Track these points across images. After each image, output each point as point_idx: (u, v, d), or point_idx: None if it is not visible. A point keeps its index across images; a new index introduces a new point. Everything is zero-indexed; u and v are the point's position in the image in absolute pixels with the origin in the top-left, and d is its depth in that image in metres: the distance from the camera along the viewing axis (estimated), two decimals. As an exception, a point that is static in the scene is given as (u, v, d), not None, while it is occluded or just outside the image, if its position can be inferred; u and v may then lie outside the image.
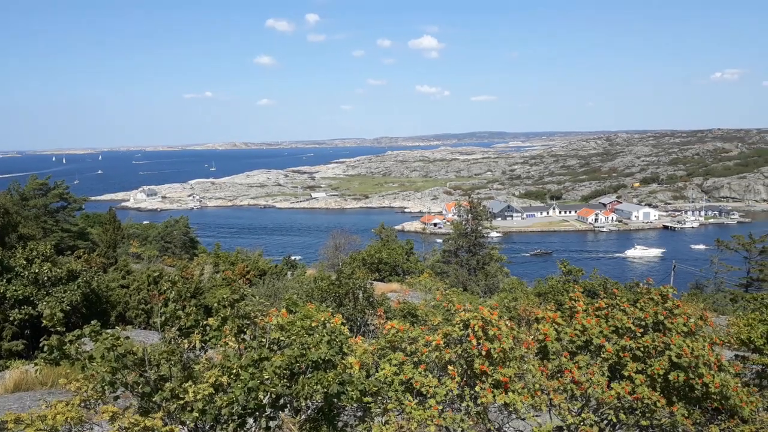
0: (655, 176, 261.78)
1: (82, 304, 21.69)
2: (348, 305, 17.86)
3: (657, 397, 8.30)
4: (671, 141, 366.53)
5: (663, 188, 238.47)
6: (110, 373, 7.05)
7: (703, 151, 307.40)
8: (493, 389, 7.83)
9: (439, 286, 33.40)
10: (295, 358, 7.55)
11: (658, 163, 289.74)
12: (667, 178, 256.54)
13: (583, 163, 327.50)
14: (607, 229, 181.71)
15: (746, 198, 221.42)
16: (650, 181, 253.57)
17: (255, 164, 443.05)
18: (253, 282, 37.46)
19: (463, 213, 58.89)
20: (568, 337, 9.13)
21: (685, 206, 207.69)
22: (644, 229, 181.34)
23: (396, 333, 9.19)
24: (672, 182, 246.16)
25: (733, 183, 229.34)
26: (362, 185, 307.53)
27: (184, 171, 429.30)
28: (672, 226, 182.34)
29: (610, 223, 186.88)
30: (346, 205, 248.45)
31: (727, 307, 39.14)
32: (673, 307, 9.43)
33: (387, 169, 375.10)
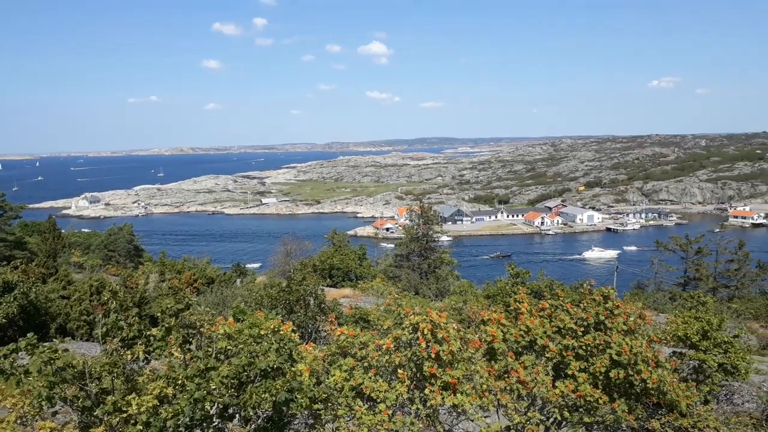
0: (598, 180, 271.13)
1: (19, 316, 20.72)
2: (299, 312, 17.69)
3: (599, 394, 8.60)
4: (613, 146, 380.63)
5: (606, 192, 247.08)
6: (48, 387, 6.77)
7: (642, 156, 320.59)
8: (442, 391, 7.94)
9: (392, 291, 33.55)
10: (243, 367, 7.44)
11: (601, 168, 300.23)
12: (609, 182, 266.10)
13: (530, 168, 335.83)
14: (553, 232, 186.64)
15: (683, 200, 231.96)
16: (593, 185, 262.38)
17: (203, 169, 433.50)
18: (201, 290, 36.64)
19: (414, 218, 59.37)
20: (513, 338, 9.35)
21: (627, 209, 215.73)
22: (588, 232, 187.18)
23: (346, 339, 9.20)
24: (614, 186, 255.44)
25: (671, 186, 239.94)
26: (314, 190, 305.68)
27: (128, 177, 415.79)
28: (615, 228, 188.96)
29: (555, 226, 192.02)
30: (298, 210, 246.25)
31: (667, 306, 40.77)
32: (613, 306, 9.79)
33: (339, 174, 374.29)
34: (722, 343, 14.53)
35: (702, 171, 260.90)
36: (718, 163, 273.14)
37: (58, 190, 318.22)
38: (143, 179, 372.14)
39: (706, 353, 14.29)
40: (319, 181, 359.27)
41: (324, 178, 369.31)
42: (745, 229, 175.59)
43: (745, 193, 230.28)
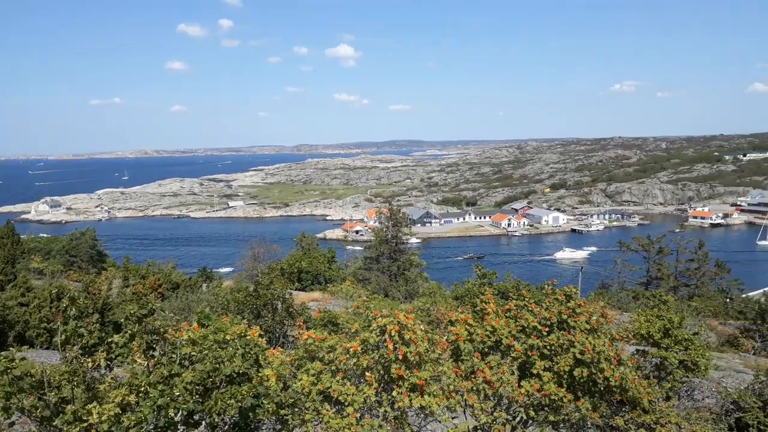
0: (563, 182, 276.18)
1: (-26, 325, 19.99)
2: (266, 316, 17.54)
3: (563, 392, 8.73)
4: (577, 149, 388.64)
5: (570, 193, 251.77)
6: (4, 397, 6.56)
7: (605, 158, 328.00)
8: (409, 393, 7.96)
9: (361, 293, 33.52)
10: (208, 373, 7.34)
11: (566, 170, 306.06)
12: (573, 183, 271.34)
13: (496, 170, 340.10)
14: (520, 233, 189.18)
15: (645, 202, 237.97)
16: (558, 187, 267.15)
17: (168, 172, 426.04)
18: (166, 296, 35.98)
19: (383, 220, 59.42)
20: (479, 338, 9.43)
21: (591, 210, 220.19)
22: (553, 233, 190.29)
23: (313, 342, 9.14)
24: (578, 188, 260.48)
25: (633, 188, 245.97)
26: (282, 193, 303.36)
27: (91, 180, 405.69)
28: (579, 229, 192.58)
29: (522, 227, 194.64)
30: (266, 213, 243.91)
31: (630, 305, 41.63)
32: (576, 306, 9.97)
33: (307, 176, 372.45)
34: (683, 341, 14.91)
35: (663, 173, 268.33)
36: (678, 165, 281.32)
37: (16, 194, 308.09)
38: (106, 183, 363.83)
39: (668, 351, 14.63)
40: (287, 183, 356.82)
41: (292, 180, 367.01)
42: (704, 229, 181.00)
43: (704, 194, 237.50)
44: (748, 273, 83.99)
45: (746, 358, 25.63)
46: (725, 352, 26.90)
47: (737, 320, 37.03)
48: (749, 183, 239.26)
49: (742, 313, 37.38)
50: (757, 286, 73.70)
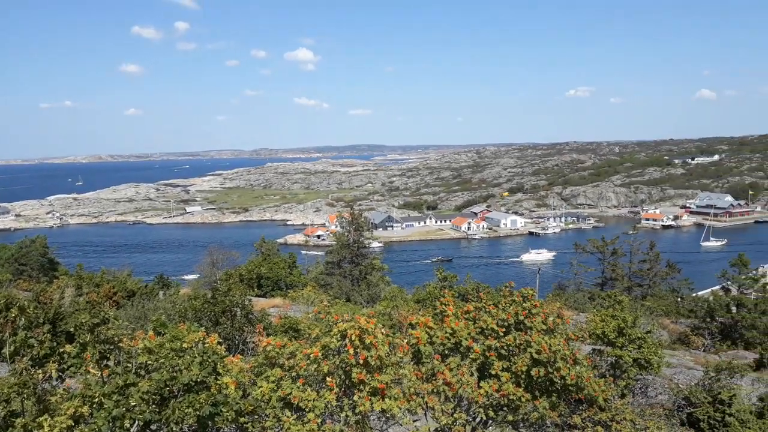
0: (520, 186, 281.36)
1: None
2: (225, 324, 17.26)
3: (521, 392, 8.89)
4: (534, 153, 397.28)
5: (527, 197, 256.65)
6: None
7: (561, 162, 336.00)
8: (370, 397, 7.96)
9: (323, 299, 33.31)
10: (165, 382, 7.20)
11: (523, 174, 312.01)
12: (530, 187, 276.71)
13: (456, 174, 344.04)
14: (479, 236, 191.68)
15: (600, 204, 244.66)
16: (516, 191, 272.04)
17: (123, 177, 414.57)
18: (121, 304, 35.00)
19: (345, 224, 59.30)
20: (439, 341, 9.52)
21: (548, 213, 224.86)
22: (512, 236, 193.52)
23: (273, 349, 9.06)
24: (535, 191, 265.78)
25: (588, 191, 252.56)
26: (241, 198, 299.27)
27: (42, 186, 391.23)
28: (537, 232, 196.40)
29: (481, 230, 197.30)
30: (224, 219, 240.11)
31: (586, 305, 42.57)
32: (532, 307, 10.18)
33: (267, 181, 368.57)
34: (636, 340, 15.33)
35: (616, 176, 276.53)
36: (631, 168, 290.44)
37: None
38: (58, 188, 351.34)
39: (622, 349, 15.03)
40: (246, 188, 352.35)
41: (252, 185, 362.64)
42: (656, 231, 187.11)
43: (656, 197, 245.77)
44: (695, 273, 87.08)
45: (696, 355, 26.56)
46: (677, 350, 27.80)
47: (688, 318, 38.33)
48: (697, 186, 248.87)
49: (692, 311, 38.68)
50: (703, 285, 76.50)
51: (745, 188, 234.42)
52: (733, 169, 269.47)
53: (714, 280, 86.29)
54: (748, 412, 14.81)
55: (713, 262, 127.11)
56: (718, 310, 34.29)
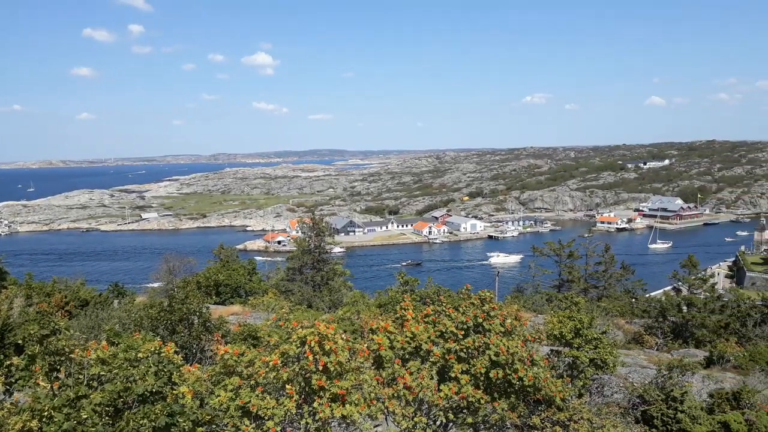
0: (479, 190, 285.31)
1: None
2: (182, 332, 16.89)
3: (480, 394, 8.97)
4: (492, 158, 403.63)
5: (487, 201, 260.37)
6: None
7: (519, 167, 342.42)
8: (331, 403, 7.91)
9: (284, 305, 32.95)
10: (118, 393, 7.00)
11: (482, 179, 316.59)
12: (489, 192, 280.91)
13: (417, 179, 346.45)
14: (440, 240, 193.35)
15: (556, 208, 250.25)
16: (476, 195, 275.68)
17: (76, 183, 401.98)
18: (74, 314, 33.85)
19: (306, 230, 58.86)
20: (399, 345, 9.54)
21: (506, 217, 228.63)
22: (472, 240, 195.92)
23: (231, 357, 8.91)
24: (494, 196, 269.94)
25: (545, 195, 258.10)
26: (199, 204, 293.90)
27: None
28: (496, 235, 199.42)
29: (442, 234, 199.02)
30: (182, 225, 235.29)
31: (544, 307, 43.37)
32: (490, 309, 10.30)
33: (226, 186, 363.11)
34: (593, 340, 15.64)
35: (572, 181, 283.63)
36: (586, 173, 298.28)
37: None
38: (7, 195, 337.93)
39: (579, 350, 15.33)
40: (204, 194, 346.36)
41: (210, 190, 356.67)
42: (610, 234, 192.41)
43: (610, 201, 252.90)
44: (644, 274, 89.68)
45: (650, 354, 27.32)
46: (631, 349, 28.50)
47: (641, 319, 39.42)
48: (649, 189, 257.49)
49: (646, 312, 39.82)
50: (651, 286, 78.83)
51: (694, 192, 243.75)
52: (683, 173, 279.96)
53: (661, 281, 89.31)
54: (698, 409, 15.30)
55: (660, 264, 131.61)
56: (670, 310, 35.44)
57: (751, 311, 35.88)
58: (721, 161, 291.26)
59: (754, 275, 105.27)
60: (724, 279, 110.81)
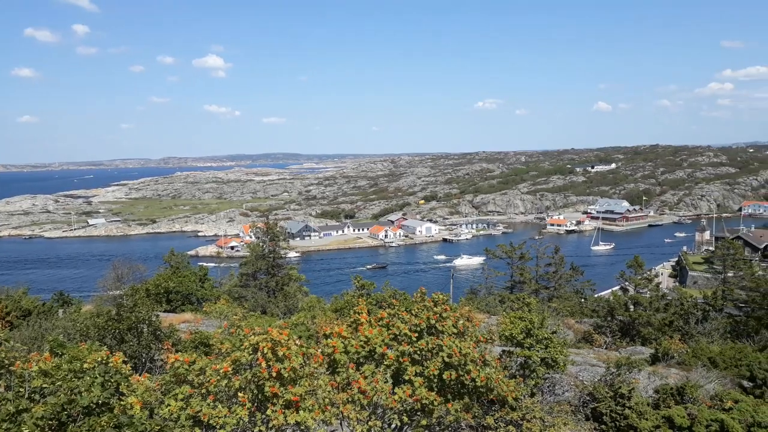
0: (434, 194, 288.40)
1: None
2: (131, 341, 16.42)
3: (434, 396, 9.06)
4: (446, 163, 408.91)
5: (441, 205, 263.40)
6: None
7: (472, 172, 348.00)
8: (284, 410, 7.84)
9: (237, 312, 32.42)
10: (62, 406, 6.75)
11: (436, 183, 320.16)
12: (444, 195, 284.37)
13: (372, 183, 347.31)
14: (396, 244, 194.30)
15: (508, 211, 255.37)
16: (430, 199, 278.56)
17: (18, 189, 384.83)
18: (15, 324, 32.40)
19: (260, 234, 58.07)
20: (354, 349, 9.54)
21: (460, 220, 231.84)
22: (427, 243, 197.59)
23: (182, 365, 8.71)
24: (448, 199, 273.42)
25: (497, 199, 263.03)
26: (149, 209, 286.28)
27: None
28: (450, 238, 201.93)
29: (398, 238, 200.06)
30: (131, 231, 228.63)
31: (497, 308, 44.04)
32: (443, 311, 10.42)
33: (177, 191, 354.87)
34: (543, 340, 16.01)
35: (523, 184, 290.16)
36: (536, 177, 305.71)
37: None
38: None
39: (530, 350, 15.65)
40: (154, 198, 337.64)
41: (160, 195, 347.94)
42: (560, 236, 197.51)
43: (559, 204, 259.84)
44: (592, 275, 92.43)
45: (599, 352, 28.05)
46: (581, 348, 29.20)
47: (591, 318, 40.53)
48: (597, 192, 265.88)
49: (594, 311, 40.96)
50: (599, 286, 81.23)
51: (639, 194, 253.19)
52: (629, 176, 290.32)
53: (606, 281, 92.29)
54: (645, 404, 15.82)
55: (605, 266, 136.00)
56: (618, 309, 36.59)
57: (693, 309, 37.40)
58: (664, 165, 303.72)
59: (696, 274, 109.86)
60: (668, 278, 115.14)
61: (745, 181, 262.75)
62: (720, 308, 41.01)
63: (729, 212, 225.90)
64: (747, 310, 41.38)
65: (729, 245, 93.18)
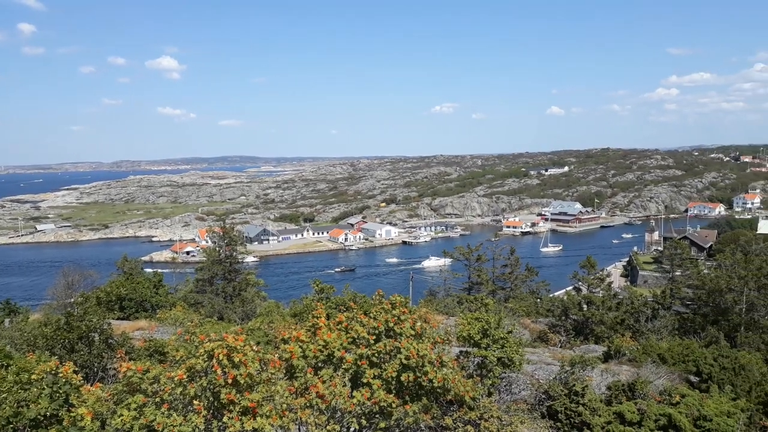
0: (393, 197, 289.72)
1: None
2: (82, 351, 15.93)
3: (392, 398, 9.11)
4: (405, 166, 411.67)
5: (400, 208, 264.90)
6: None
7: (430, 175, 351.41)
8: (241, 417, 7.76)
9: (193, 318, 31.81)
10: (7, 419, 6.53)
11: (395, 186, 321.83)
12: (403, 198, 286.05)
13: (332, 186, 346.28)
14: (356, 247, 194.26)
15: (465, 214, 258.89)
16: (390, 202, 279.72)
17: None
18: (-44, 336, 30.95)
19: (216, 239, 57.07)
20: (312, 354, 9.51)
21: (419, 223, 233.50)
22: (387, 246, 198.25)
23: (134, 374, 8.51)
24: (407, 202, 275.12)
25: (455, 201, 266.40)
26: (101, 214, 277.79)
27: None
28: (410, 241, 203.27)
29: (358, 241, 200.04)
30: (82, 237, 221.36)
31: (455, 309, 44.49)
32: (400, 313, 10.50)
33: (130, 195, 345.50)
34: (500, 339, 16.29)
35: (479, 187, 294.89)
36: (492, 180, 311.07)
37: None
38: None
39: (487, 350, 15.90)
40: (106, 203, 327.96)
41: (112, 199, 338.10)
42: (516, 237, 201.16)
43: (515, 206, 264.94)
44: (543, 276, 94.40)
45: (554, 351, 28.66)
46: (537, 347, 29.75)
47: (546, 318, 41.42)
48: (551, 195, 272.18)
49: (549, 311, 41.88)
50: (552, 286, 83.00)
51: (591, 196, 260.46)
52: (581, 179, 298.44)
53: (558, 282, 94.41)
54: (598, 401, 16.29)
55: (556, 267, 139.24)
56: (572, 309, 37.55)
57: (643, 308, 38.73)
58: (614, 168, 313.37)
59: (646, 274, 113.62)
60: (620, 278, 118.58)
61: (691, 183, 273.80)
62: (668, 306, 42.57)
63: (676, 213, 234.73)
64: (694, 307, 43.10)
65: (676, 245, 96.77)
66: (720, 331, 33.81)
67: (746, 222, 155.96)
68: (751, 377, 19.35)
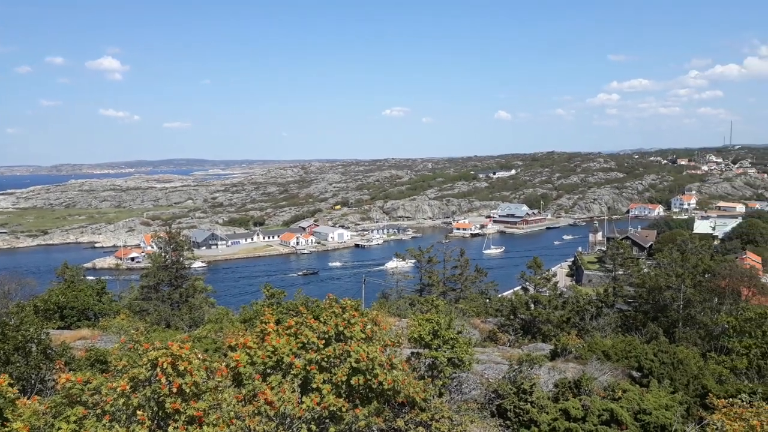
0: (345, 200, 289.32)
1: None
2: (18, 362, 15.21)
3: (342, 402, 9.09)
4: (357, 169, 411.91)
5: (353, 211, 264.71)
6: None
7: (381, 178, 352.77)
8: (187, 426, 7.58)
9: (139, 326, 30.85)
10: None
11: (347, 189, 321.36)
12: (355, 201, 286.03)
13: (283, 189, 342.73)
14: (308, 250, 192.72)
15: (417, 216, 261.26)
16: (342, 205, 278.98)
17: None
18: None
19: (162, 244, 55.58)
20: (260, 360, 9.38)
21: (371, 226, 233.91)
22: (340, 249, 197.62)
23: (74, 385, 8.18)
24: (359, 205, 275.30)
25: (407, 204, 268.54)
26: (39, 219, 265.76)
27: None
28: (362, 244, 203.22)
29: (310, 245, 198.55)
30: (19, 243, 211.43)
31: (407, 311, 44.70)
32: (350, 317, 10.50)
33: (71, 200, 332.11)
34: (450, 340, 16.48)
35: (430, 190, 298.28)
36: (442, 183, 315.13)
37: None
38: None
39: (438, 350, 16.06)
40: (45, 208, 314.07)
41: (52, 204, 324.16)
42: (465, 239, 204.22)
43: (464, 208, 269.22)
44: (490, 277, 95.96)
45: (503, 350, 29.17)
46: (487, 347, 30.22)
47: (495, 317, 42.14)
48: (499, 197, 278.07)
49: (498, 311, 42.63)
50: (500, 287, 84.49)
51: (537, 199, 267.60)
52: (528, 182, 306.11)
53: (506, 282, 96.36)
54: (545, 398, 16.71)
55: (501, 268, 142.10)
56: (520, 308, 38.31)
57: (588, 306, 39.95)
58: (559, 171, 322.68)
59: (590, 273, 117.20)
60: (566, 277, 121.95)
61: (632, 185, 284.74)
62: (611, 304, 44.05)
63: (618, 214, 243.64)
64: (635, 305, 44.67)
65: (618, 245, 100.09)
66: (660, 327, 35.18)
67: (683, 222, 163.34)
68: (689, 371, 20.21)
